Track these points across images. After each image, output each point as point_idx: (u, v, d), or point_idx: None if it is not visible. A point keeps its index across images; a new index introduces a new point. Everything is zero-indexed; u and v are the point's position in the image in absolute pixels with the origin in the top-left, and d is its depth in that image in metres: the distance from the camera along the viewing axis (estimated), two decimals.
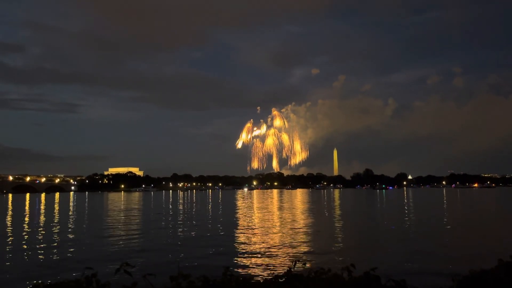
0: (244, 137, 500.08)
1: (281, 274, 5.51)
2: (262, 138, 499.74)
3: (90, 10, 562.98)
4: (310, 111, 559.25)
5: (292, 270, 5.45)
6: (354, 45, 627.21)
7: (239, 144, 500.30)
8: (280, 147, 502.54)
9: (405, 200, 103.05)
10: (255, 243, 29.61)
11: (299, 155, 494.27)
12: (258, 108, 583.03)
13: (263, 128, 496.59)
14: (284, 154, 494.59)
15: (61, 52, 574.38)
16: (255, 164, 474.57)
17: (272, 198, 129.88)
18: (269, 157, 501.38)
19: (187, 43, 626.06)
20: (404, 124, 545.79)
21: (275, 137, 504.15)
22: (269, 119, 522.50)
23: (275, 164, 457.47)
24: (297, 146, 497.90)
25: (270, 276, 5.62)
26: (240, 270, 19.95)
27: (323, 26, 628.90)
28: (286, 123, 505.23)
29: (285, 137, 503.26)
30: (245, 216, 56.12)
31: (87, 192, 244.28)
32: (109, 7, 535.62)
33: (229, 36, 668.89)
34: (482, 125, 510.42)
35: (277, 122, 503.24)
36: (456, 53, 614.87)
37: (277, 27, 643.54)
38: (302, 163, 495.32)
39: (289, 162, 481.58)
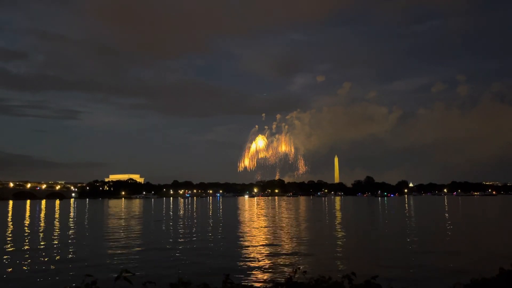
0: (247, 163, 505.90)
1: (282, 282, 5.50)
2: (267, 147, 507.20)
3: (92, 18, 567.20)
4: (314, 118, 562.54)
5: (293, 278, 5.44)
6: (357, 53, 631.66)
7: (241, 167, 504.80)
8: (284, 161, 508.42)
9: (406, 208, 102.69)
10: (255, 251, 29.47)
11: (301, 169, 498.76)
12: (263, 114, 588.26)
13: (270, 152, 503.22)
14: (287, 168, 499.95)
15: (64, 59, 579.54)
16: (258, 176, 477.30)
17: (273, 205, 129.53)
18: (272, 168, 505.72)
19: (190, 50, 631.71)
20: (408, 132, 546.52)
21: (280, 150, 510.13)
22: (274, 126, 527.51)
23: (277, 177, 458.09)
24: (301, 163, 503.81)
25: (271, 284, 5.60)
26: (240, 278, 19.84)
27: (326, 34, 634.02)
28: (291, 146, 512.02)
29: (288, 149, 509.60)
30: (245, 223, 55.94)
31: (87, 199, 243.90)
32: (112, 15, 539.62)
33: (232, 44, 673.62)
34: (487, 133, 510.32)
35: (283, 146, 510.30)
36: (460, 61, 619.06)
37: (280, 35, 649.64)
38: (305, 171, 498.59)
39: (295, 174, 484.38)
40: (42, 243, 35.08)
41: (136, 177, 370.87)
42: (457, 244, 32.95)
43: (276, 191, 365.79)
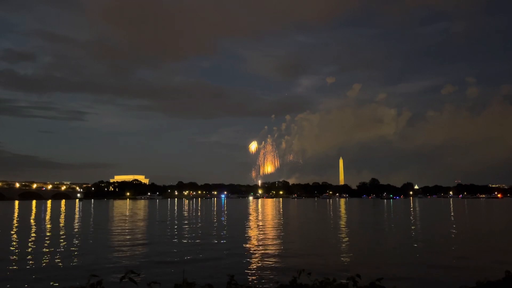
0: (254, 174, 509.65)
1: (286, 283, 5.50)
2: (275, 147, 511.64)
3: (99, 20, 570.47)
4: (323, 120, 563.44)
5: (297, 279, 5.44)
6: (364, 55, 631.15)
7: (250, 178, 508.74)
8: (291, 164, 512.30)
9: (411, 210, 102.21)
10: (260, 252, 29.45)
11: (308, 172, 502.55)
12: (273, 116, 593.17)
13: (277, 164, 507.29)
14: (293, 170, 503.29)
15: (70, 61, 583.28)
16: (266, 169, 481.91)
17: (278, 207, 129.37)
18: (278, 170, 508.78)
19: (196, 52, 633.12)
20: (417, 134, 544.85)
21: (287, 152, 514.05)
22: (284, 127, 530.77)
23: (283, 178, 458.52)
24: (308, 166, 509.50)
25: (275, 285, 5.60)
26: (245, 279, 19.84)
27: (332, 36, 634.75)
28: (299, 147, 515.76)
29: (295, 151, 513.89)
30: (250, 225, 55.90)
31: (92, 200, 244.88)
32: (118, 17, 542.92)
33: (238, 46, 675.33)
34: (496, 135, 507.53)
35: (290, 150, 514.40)
36: (470, 63, 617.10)
37: (286, 37, 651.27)
38: (312, 172, 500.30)
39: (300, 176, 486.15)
40: (47, 243, 35.21)
41: (141, 178, 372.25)
42: (463, 247, 32.73)
43: (281, 192, 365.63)
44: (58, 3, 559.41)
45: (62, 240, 37.60)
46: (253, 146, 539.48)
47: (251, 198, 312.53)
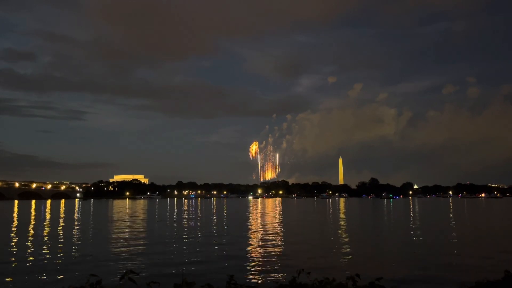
0: (254, 177, 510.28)
1: (285, 283, 5.50)
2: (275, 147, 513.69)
3: (99, 19, 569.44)
4: (324, 120, 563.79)
5: (297, 279, 5.44)
6: (364, 55, 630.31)
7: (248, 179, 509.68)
8: (291, 164, 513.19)
9: (411, 210, 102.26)
10: (259, 252, 29.45)
11: (308, 171, 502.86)
12: (274, 115, 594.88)
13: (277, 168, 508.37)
14: (293, 170, 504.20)
15: (70, 60, 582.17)
16: (266, 175, 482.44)
17: (277, 207, 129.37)
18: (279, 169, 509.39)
19: (196, 52, 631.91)
20: (417, 134, 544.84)
21: (288, 152, 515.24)
22: (284, 126, 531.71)
23: (283, 178, 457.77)
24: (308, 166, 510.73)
25: (274, 285, 5.60)
26: (244, 279, 19.83)
27: (332, 36, 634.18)
28: (299, 147, 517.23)
29: (296, 150, 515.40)
30: (250, 224, 55.92)
31: (92, 199, 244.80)
32: (118, 17, 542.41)
33: (238, 45, 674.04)
34: (496, 135, 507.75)
35: (291, 149, 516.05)
36: (471, 63, 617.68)
37: (286, 37, 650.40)
38: (312, 172, 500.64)
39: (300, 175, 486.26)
40: (46, 243, 35.20)
41: (141, 178, 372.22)
42: (462, 247, 32.74)
43: (280, 192, 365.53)
44: (58, 3, 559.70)
45: (61, 240, 37.58)
46: (253, 148, 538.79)
47: (250, 198, 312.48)
